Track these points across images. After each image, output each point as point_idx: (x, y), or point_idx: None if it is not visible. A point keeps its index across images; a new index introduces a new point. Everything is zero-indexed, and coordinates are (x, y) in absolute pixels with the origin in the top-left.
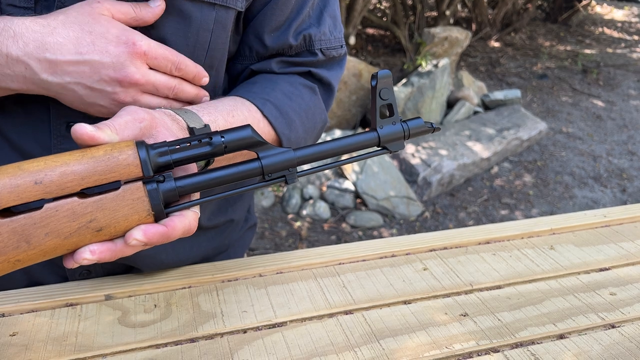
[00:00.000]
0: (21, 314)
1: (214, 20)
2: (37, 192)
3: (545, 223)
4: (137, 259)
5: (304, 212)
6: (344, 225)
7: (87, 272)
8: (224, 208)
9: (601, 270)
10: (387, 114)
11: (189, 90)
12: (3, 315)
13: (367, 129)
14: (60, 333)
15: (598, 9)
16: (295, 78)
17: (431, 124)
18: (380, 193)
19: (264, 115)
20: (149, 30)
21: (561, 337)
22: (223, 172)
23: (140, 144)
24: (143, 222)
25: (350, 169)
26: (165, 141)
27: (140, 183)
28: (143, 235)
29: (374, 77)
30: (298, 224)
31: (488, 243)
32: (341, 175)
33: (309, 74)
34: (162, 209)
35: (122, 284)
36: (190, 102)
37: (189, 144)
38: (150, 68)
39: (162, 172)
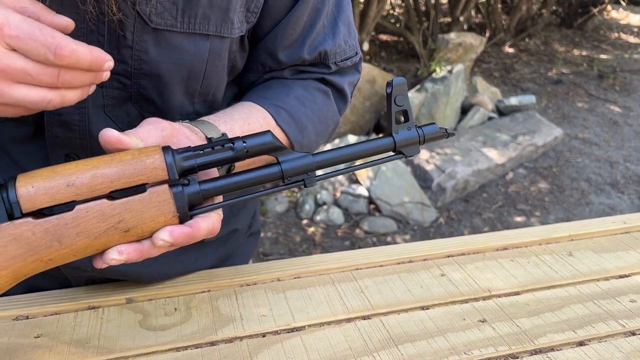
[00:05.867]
0: (45, 316)
1: (208, 50)
2: (69, 194)
3: (563, 229)
4: (142, 274)
5: (318, 218)
6: (357, 231)
7: (91, 282)
8: (228, 218)
9: (621, 277)
10: (402, 119)
11: (81, 78)
12: (27, 318)
13: (381, 135)
14: (83, 335)
15: (614, 13)
16: (308, 82)
17: (445, 129)
18: (394, 199)
19: (277, 124)
20: (140, 62)
21: (581, 344)
22: (245, 176)
23: (166, 149)
24: (169, 224)
25: (364, 175)
26: (190, 146)
27: (166, 186)
28: (169, 235)
29: (389, 84)
30: (312, 229)
31: (506, 249)
32: (355, 180)
33: (322, 80)
34: (186, 211)
35: (143, 288)
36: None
37: (212, 149)
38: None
39: (187, 176)
